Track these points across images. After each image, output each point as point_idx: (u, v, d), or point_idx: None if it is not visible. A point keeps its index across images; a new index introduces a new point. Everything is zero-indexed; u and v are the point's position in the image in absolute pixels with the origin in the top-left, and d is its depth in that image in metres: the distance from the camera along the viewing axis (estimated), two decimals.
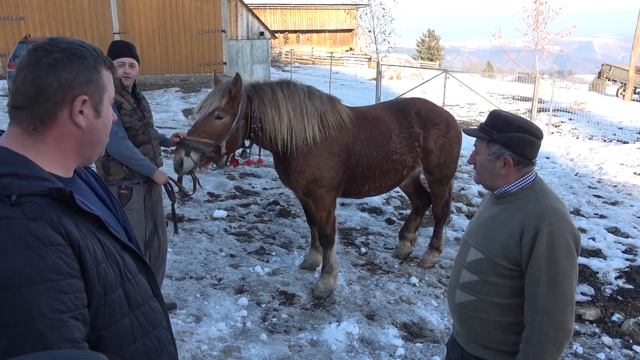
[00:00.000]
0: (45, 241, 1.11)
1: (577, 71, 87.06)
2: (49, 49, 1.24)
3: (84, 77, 1.27)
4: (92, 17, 20.22)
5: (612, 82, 28.87)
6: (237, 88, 4.10)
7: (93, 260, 1.20)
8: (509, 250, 2.05)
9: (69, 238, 1.16)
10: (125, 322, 1.28)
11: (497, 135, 2.12)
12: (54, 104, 1.24)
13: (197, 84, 19.65)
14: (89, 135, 1.32)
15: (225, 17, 22.17)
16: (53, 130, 1.26)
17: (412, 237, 5.76)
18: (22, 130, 1.24)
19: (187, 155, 3.94)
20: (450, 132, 5.13)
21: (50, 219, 1.14)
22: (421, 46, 54.86)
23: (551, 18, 25.50)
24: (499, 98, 20.88)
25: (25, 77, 1.22)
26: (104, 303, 1.22)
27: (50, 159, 1.27)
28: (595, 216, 7.55)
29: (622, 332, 4.60)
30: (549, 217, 2.01)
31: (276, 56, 38.33)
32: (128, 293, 1.30)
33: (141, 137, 3.81)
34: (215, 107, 4.07)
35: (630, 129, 15.41)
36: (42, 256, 1.10)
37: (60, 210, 1.18)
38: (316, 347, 4.02)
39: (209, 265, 5.26)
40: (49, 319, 1.08)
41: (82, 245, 1.18)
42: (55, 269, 1.11)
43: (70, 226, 1.17)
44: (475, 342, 2.19)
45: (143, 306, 1.35)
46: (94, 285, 1.19)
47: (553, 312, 1.95)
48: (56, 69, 1.23)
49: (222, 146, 4.14)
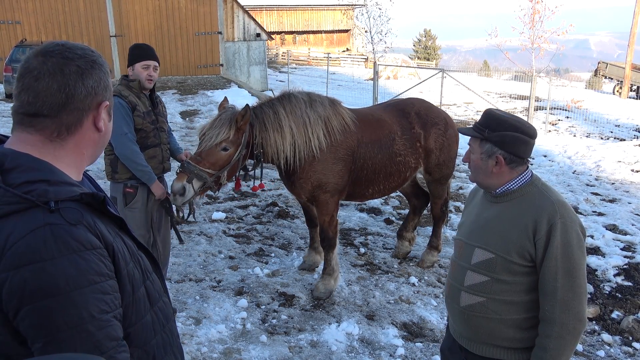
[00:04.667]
0: (88, 245, 1.16)
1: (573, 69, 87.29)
2: (69, 56, 1.24)
3: (104, 83, 1.30)
4: (88, 20, 20.20)
5: (608, 79, 28.92)
6: (245, 120, 4.04)
7: (124, 261, 1.26)
8: (523, 246, 2.05)
9: (104, 241, 1.21)
10: (147, 318, 1.34)
11: (490, 134, 2.13)
12: (82, 111, 1.26)
13: (194, 86, 19.62)
14: (104, 138, 1.37)
15: (222, 19, 22.15)
16: (76, 136, 1.28)
17: (411, 237, 5.76)
18: (43, 138, 1.24)
19: (189, 182, 3.86)
20: (449, 132, 5.14)
21: (88, 223, 1.19)
22: (418, 46, 54.88)
23: (547, 16, 25.52)
24: (496, 97, 20.90)
25: (49, 86, 1.21)
26: (132, 301, 1.28)
27: (68, 163, 1.28)
28: (593, 214, 7.56)
29: (622, 330, 4.60)
30: (560, 211, 2.03)
31: (273, 57, 38.32)
32: (148, 290, 1.37)
33: (151, 140, 3.85)
34: (223, 138, 3.98)
35: (627, 126, 15.44)
36: (87, 260, 1.14)
37: (92, 214, 1.22)
38: (316, 348, 4.02)
39: (208, 267, 5.26)
40: (97, 320, 1.14)
41: (115, 248, 1.23)
42: (98, 271, 1.16)
43: (103, 229, 1.22)
44: (485, 343, 2.17)
45: (159, 302, 1.42)
46: (125, 285, 1.25)
47: (572, 304, 1.99)
48: (83, 77, 1.25)
49: (223, 177, 4.09)
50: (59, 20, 19.86)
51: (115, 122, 3.32)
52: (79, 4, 19.96)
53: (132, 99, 3.70)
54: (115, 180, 3.78)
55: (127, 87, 3.74)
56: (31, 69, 1.22)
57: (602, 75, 29.09)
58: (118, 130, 3.54)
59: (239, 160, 4.16)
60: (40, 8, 19.48)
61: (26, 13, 19.37)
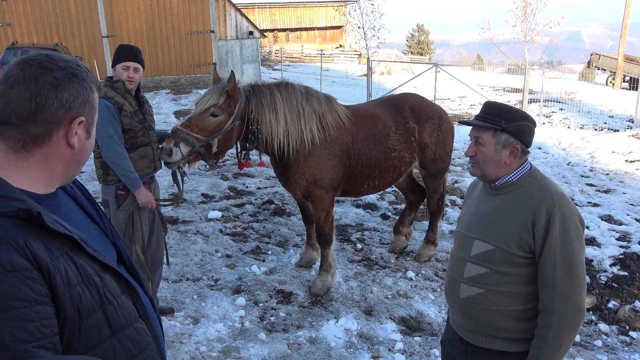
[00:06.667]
0: (8, 267, 1.04)
1: (566, 61, 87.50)
2: (48, 67, 1.20)
3: (82, 99, 1.25)
4: (80, 21, 20.09)
5: (601, 71, 29.02)
6: (231, 85, 4.07)
7: (65, 284, 1.13)
8: (522, 238, 2.05)
9: (36, 262, 1.09)
10: (106, 347, 1.21)
11: (507, 125, 2.13)
12: (51, 124, 1.20)
13: (188, 85, 19.58)
14: (78, 156, 1.29)
15: (214, 18, 22.09)
16: (43, 149, 1.22)
17: (407, 232, 5.77)
18: (6, 147, 1.19)
19: (176, 145, 3.88)
20: (444, 126, 5.14)
21: (16, 241, 1.07)
22: (411, 41, 54.86)
23: (539, 9, 25.60)
24: (489, 90, 20.93)
25: (21, 94, 1.17)
26: (78, 328, 1.15)
27: (30, 177, 1.22)
28: (588, 205, 7.59)
29: (618, 319, 4.63)
30: (558, 202, 2.04)
31: (266, 55, 38.23)
32: (109, 316, 1.22)
33: (141, 139, 3.81)
34: (212, 104, 4.04)
35: (620, 117, 15.49)
36: (4, 283, 1.03)
37: (28, 232, 1.11)
38: (315, 344, 4.03)
39: (205, 266, 5.25)
40: (11, 350, 1.01)
41: (51, 269, 1.11)
42: (19, 296, 1.04)
43: (38, 249, 1.10)
44: (485, 334, 2.18)
45: (127, 328, 1.27)
46: (67, 310, 1.13)
47: (571, 294, 2.00)
48: (57, 88, 1.20)
49: (214, 144, 4.09)
50: (50, 22, 19.74)
51: (101, 124, 3.29)
52: (70, 5, 19.85)
53: (118, 99, 3.67)
54: (107, 182, 3.74)
55: (112, 88, 3.71)
56: (8, 76, 1.19)
57: (595, 67, 29.18)
58: (104, 133, 3.51)
59: (233, 130, 4.15)
60: (31, 10, 19.36)
61: (17, 15, 19.25)
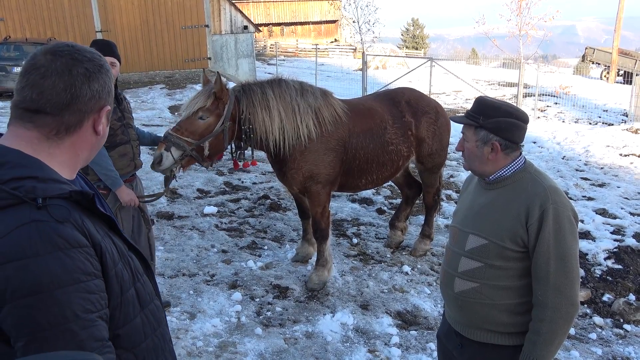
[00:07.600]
0: (74, 243, 1.14)
1: (561, 55, 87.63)
2: (78, 58, 1.26)
3: (108, 88, 1.32)
4: (73, 16, 19.93)
5: (596, 65, 29.13)
6: (217, 87, 4.05)
7: (112, 261, 1.24)
8: (516, 232, 2.06)
9: (91, 239, 1.19)
10: (137, 321, 1.32)
11: (485, 121, 2.14)
12: (84, 113, 1.27)
13: (182, 80, 19.49)
14: (100, 142, 1.37)
15: (208, 12, 21.96)
16: (73, 136, 1.28)
17: (403, 226, 5.78)
18: (40, 135, 1.24)
19: (167, 150, 3.88)
20: (440, 120, 5.15)
21: (76, 221, 1.17)
22: (406, 35, 54.83)
23: (534, 3, 25.66)
24: (484, 84, 20.95)
25: (55, 84, 1.22)
26: (120, 303, 1.26)
27: (61, 162, 1.28)
28: (583, 198, 7.63)
29: (613, 312, 4.66)
30: (552, 196, 2.05)
31: (261, 50, 38.09)
32: (139, 292, 1.35)
33: (120, 137, 3.77)
34: (200, 106, 4.02)
35: (615, 110, 15.55)
36: (72, 258, 1.13)
37: (81, 213, 1.21)
38: (311, 338, 4.04)
39: (202, 261, 5.25)
40: (81, 319, 1.11)
41: (103, 247, 1.22)
42: (84, 270, 1.14)
43: (91, 228, 1.21)
44: (480, 328, 2.19)
45: (150, 304, 1.40)
46: (113, 286, 1.23)
47: (564, 288, 2.01)
48: (90, 79, 1.27)
49: (205, 147, 4.06)
50: (43, 17, 19.57)
51: None
52: (64, 0, 19.70)
53: None
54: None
55: None
56: (38, 66, 1.22)
57: (589, 61, 29.29)
58: None
59: (224, 132, 4.14)
60: (24, 4, 19.16)
61: (9, 10, 19.06)
